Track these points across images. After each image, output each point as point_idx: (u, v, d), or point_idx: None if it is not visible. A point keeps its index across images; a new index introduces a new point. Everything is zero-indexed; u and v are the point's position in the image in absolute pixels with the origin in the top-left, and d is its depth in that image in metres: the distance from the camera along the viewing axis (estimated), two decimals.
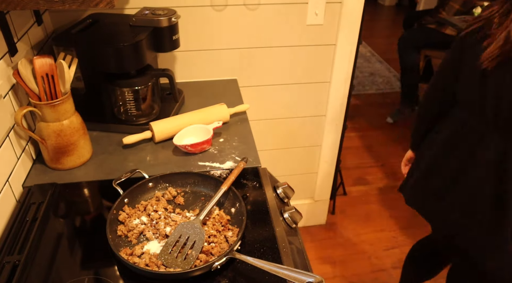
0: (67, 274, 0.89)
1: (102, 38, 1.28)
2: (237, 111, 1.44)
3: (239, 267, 0.90)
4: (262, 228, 1.00)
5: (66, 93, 1.13)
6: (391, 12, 5.96)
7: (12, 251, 0.92)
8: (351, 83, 1.89)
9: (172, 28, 1.36)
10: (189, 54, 1.67)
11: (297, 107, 1.92)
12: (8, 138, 1.07)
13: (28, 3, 0.96)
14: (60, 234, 1.00)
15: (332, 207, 2.43)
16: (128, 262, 0.86)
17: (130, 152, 1.27)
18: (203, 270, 0.85)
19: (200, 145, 1.24)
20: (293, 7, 1.65)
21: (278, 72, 1.80)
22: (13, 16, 1.15)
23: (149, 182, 1.07)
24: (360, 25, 1.74)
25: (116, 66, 1.26)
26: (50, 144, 1.14)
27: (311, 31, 1.72)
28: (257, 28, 1.67)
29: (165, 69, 1.37)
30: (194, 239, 0.92)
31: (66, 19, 1.50)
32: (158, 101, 1.42)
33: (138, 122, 1.36)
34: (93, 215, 1.08)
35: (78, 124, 1.17)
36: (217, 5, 1.59)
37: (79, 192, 1.14)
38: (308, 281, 0.76)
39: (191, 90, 1.61)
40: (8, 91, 1.09)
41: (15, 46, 1.14)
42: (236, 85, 1.71)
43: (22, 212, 1.03)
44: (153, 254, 0.91)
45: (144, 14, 1.33)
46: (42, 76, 1.08)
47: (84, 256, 0.94)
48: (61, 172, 1.18)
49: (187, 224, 0.95)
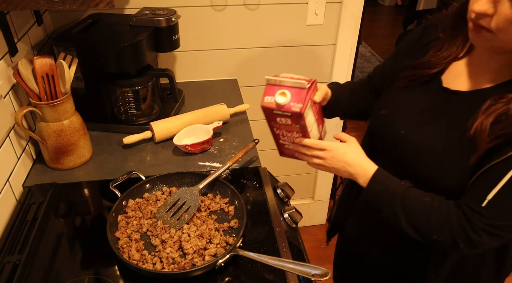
0: (67, 274, 0.89)
1: (102, 38, 1.28)
2: (237, 111, 1.44)
3: (241, 265, 0.90)
4: (262, 228, 1.00)
5: (66, 93, 1.13)
6: (391, 12, 5.96)
7: (12, 251, 0.92)
8: None
9: (172, 28, 1.36)
10: (189, 54, 1.67)
11: None
12: (9, 138, 1.07)
13: (29, 3, 0.96)
14: (60, 234, 1.00)
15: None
16: (129, 262, 0.86)
17: (130, 152, 1.27)
18: (206, 268, 0.86)
19: (200, 145, 1.24)
20: (293, 7, 1.65)
21: (278, 72, 1.80)
22: (14, 16, 1.15)
23: (146, 183, 1.07)
24: (360, 25, 1.74)
25: (116, 66, 1.26)
26: (50, 144, 1.14)
27: (311, 31, 1.72)
28: (257, 28, 1.67)
29: (165, 69, 1.37)
30: (189, 204, 1.00)
31: (66, 19, 1.50)
32: (158, 101, 1.42)
33: (138, 122, 1.36)
34: (93, 215, 1.08)
35: (78, 124, 1.17)
36: (217, 5, 1.59)
37: (79, 192, 1.14)
38: (314, 273, 0.76)
39: (191, 90, 1.61)
40: (8, 91, 1.09)
41: (15, 46, 1.14)
42: (236, 85, 1.71)
43: (22, 212, 1.03)
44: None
45: (144, 14, 1.33)
46: (42, 76, 1.08)
47: (84, 256, 0.94)
48: (61, 172, 1.18)
49: (187, 190, 1.03)
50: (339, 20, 1.71)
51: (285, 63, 1.78)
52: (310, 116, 0.88)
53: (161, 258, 0.89)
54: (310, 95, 0.86)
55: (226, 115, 1.39)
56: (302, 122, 0.86)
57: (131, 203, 1.02)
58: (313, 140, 0.90)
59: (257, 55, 1.74)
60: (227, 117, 1.40)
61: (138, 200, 1.04)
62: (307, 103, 0.84)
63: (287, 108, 0.84)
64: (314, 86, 0.89)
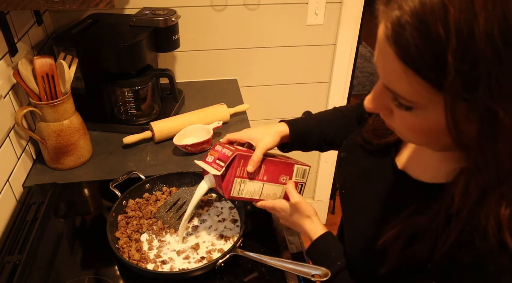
0: (67, 274, 0.89)
1: (102, 38, 1.28)
2: (237, 111, 1.44)
3: (241, 265, 0.90)
4: (262, 228, 1.00)
5: (66, 93, 1.13)
6: None
7: (12, 251, 0.92)
8: (351, 83, 1.89)
9: (172, 28, 1.36)
10: (189, 54, 1.67)
11: (297, 107, 1.91)
12: (9, 138, 1.07)
13: (29, 3, 0.96)
14: (60, 234, 1.01)
15: (332, 207, 2.43)
16: (129, 262, 0.86)
17: (130, 152, 1.27)
18: (206, 268, 0.85)
19: (200, 145, 1.24)
20: (293, 7, 1.65)
21: (278, 72, 1.80)
22: (13, 16, 1.15)
23: (146, 183, 1.07)
24: (360, 25, 1.74)
25: (116, 66, 1.26)
26: (50, 144, 1.14)
27: (311, 31, 1.72)
28: (257, 28, 1.67)
29: (165, 69, 1.37)
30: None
31: (66, 19, 1.50)
32: (158, 101, 1.42)
33: (138, 122, 1.36)
34: (93, 215, 1.08)
35: (78, 124, 1.17)
36: (217, 5, 1.59)
37: (79, 192, 1.14)
38: (314, 273, 0.76)
39: (191, 90, 1.61)
40: (8, 91, 1.09)
41: (16, 46, 1.14)
42: (236, 85, 1.71)
43: (22, 212, 1.03)
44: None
45: (144, 14, 1.33)
46: (42, 76, 1.08)
47: (84, 256, 0.94)
48: (61, 172, 1.18)
49: (187, 190, 1.03)
50: (339, 20, 1.71)
51: (285, 63, 1.78)
52: (251, 186, 0.86)
53: (161, 258, 0.89)
54: (235, 172, 0.83)
55: (226, 115, 1.39)
56: (241, 198, 0.86)
57: (131, 203, 1.02)
58: (263, 202, 0.88)
59: (257, 55, 1.74)
60: (227, 117, 1.40)
61: (138, 200, 1.04)
62: (232, 184, 0.83)
63: (218, 190, 0.87)
64: (238, 161, 0.83)
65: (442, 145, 0.55)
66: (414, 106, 0.50)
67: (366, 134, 0.78)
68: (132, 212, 1.00)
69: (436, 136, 0.52)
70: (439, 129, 0.50)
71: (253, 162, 0.84)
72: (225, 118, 1.39)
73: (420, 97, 0.48)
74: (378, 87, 0.55)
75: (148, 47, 1.30)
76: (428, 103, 0.48)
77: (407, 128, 0.55)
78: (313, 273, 0.76)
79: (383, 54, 0.49)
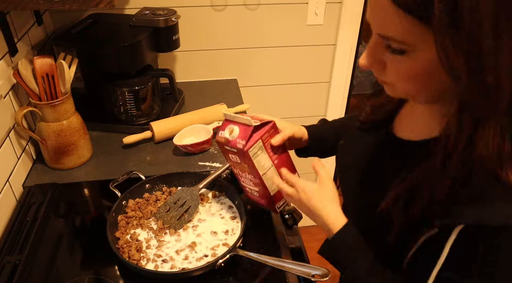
0: (67, 274, 0.89)
1: (102, 38, 1.28)
2: (237, 111, 1.44)
3: (241, 265, 0.90)
4: (262, 228, 1.00)
5: (66, 93, 1.13)
6: None
7: (12, 251, 0.92)
8: (351, 83, 1.89)
9: (172, 28, 1.36)
10: (189, 54, 1.67)
11: (297, 107, 1.92)
12: (9, 138, 1.07)
13: (29, 3, 0.96)
14: (60, 234, 1.01)
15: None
16: (129, 262, 0.86)
17: (130, 152, 1.27)
18: (206, 268, 0.85)
19: (200, 145, 1.24)
20: (293, 7, 1.65)
21: (278, 72, 1.80)
22: (13, 16, 1.15)
23: (146, 183, 1.07)
24: (360, 25, 1.74)
25: (116, 66, 1.26)
26: (50, 144, 1.14)
27: (311, 31, 1.72)
28: (257, 28, 1.67)
29: (165, 69, 1.37)
30: (189, 204, 1.00)
31: (66, 19, 1.50)
32: (158, 101, 1.42)
33: (138, 122, 1.36)
34: (93, 215, 1.08)
35: (78, 124, 1.17)
36: (217, 5, 1.59)
37: (79, 192, 1.14)
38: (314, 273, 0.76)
39: (191, 90, 1.61)
40: (8, 91, 1.09)
41: (15, 46, 1.14)
42: (236, 85, 1.71)
43: (22, 212, 1.03)
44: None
45: (144, 14, 1.33)
46: (42, 76, 1.08)
47: (84, 256, 0.94)
48: (61, 172, 1.18)
49: (187, 190, 1.03)
50: (339, 20, 1.71)
51: (285, 63, 1.78)
52: (263, 158, 0.85)
53: (161, 258, 0.89)
54: (261, 135, 0.84)
55: None
56: (250, 162, 0.84)
57: (131, 203, 1.02)
58: (289, 175, 0.86)
59: (257, 55, 1.74)
60: None
61: (138, 200, 1.04)
62: (254, 142, 0.83)
63: (233, 144, 0.84)
64: (269, 128, 0.85)
65: (430, 91, 0.59)
66: (407, 49, 0.55)
67: (363, 115, 0.83)
68: (132, 212, 1.00)
69: (427, 79, 0.57)
70: (429, 71, 0.55)
71: (279, 136, 0.87)
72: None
73: (412, 36, 0.53)
74: (371, 42, 0.59)
75: (148, 47, 1.30)
76: (419, 42, 0.53)
77: (399, 77, 0.59)
78: (313, 273, 0.76)
79: (377, 4, 0.55)
